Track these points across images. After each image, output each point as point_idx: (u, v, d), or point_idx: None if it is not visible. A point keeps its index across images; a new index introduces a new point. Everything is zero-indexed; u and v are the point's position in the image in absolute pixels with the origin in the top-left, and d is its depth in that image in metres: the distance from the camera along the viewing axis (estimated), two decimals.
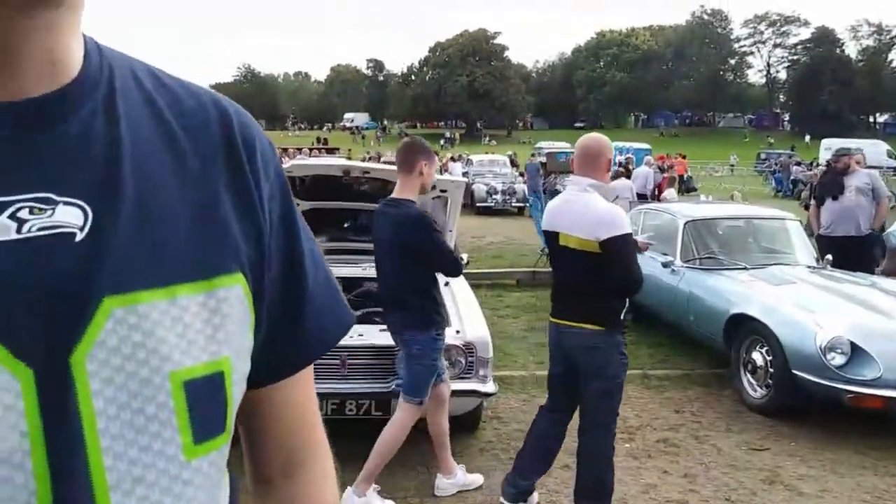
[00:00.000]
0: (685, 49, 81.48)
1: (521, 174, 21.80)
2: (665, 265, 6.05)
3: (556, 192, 19.70)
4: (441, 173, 22.69)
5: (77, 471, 0.48)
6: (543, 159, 25.14)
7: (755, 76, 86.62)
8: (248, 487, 0.73)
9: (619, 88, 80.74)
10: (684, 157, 29.12)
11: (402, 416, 3.35)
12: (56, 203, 0.50)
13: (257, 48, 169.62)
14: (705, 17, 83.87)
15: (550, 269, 3.45)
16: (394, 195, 3.39)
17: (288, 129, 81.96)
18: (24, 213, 0.49)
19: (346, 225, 5.35)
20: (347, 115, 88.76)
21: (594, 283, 3.06)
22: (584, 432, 3.17)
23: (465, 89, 75.77)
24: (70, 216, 0.50)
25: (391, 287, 3.41)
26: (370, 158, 28.42)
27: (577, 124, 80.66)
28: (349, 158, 21.67)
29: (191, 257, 0.56)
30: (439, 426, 3.51)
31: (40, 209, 0.49)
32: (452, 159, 27.49)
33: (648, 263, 5.23)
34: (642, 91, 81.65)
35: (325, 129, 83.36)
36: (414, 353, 3.29)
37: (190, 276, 0.55)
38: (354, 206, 5.05)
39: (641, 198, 13.00)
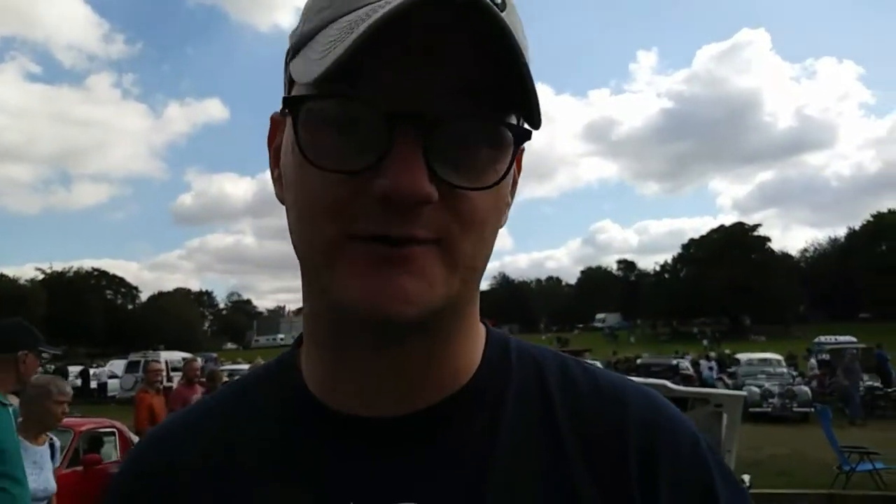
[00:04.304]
0: None
1: (801, 374, 19.42)
2: None
3: (846, 395, 17.18)
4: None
5: None
6: (825, 356, 22.45)
7: None
8: None
9: None
10: None
11: None
12: None
13: (511, 260, 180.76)
14: None
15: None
16: None
17: (541, 332, 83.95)
18: None
19: None
20: (599, 316, 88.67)
21: None
22: None
23: (724, 284, 72.15)
24: None
25: None
26: (617, 362, 27.65)
27: (863, 315, 71.59)
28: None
29: None
30: None
31: None
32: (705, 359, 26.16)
33: None
34: None
35: (574, 330, 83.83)
36: None
37: None
38: None
39: None
